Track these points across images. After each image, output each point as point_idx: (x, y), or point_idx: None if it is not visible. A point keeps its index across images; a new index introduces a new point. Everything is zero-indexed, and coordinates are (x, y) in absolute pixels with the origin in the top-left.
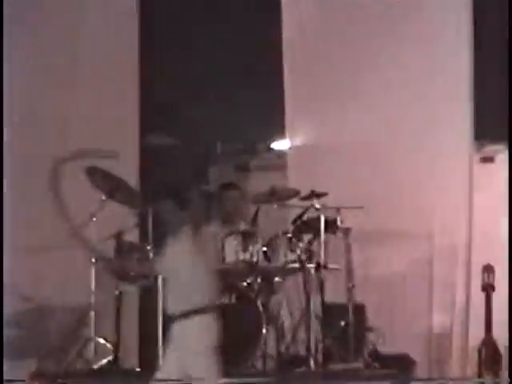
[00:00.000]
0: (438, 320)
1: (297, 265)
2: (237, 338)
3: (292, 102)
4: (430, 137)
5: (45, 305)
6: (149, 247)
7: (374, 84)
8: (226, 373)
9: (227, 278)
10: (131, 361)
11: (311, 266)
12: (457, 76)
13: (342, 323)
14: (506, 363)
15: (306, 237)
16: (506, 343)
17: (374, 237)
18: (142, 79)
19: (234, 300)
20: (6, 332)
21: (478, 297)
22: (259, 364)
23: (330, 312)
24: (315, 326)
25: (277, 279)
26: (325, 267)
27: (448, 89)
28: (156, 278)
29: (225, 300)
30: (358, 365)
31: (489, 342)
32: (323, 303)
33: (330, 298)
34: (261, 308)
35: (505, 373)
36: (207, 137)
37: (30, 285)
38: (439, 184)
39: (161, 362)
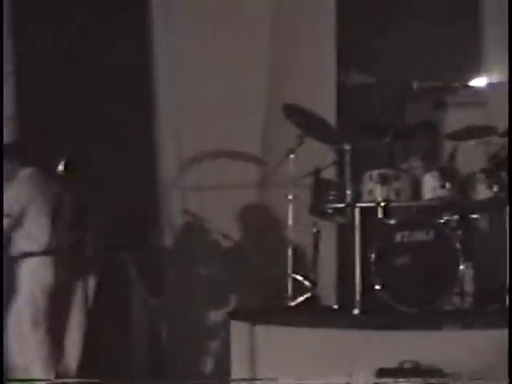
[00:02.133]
0: None
1: (494, 202)
2: (433, 275)
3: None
4: None
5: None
6: (346, 184)
7: None
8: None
9: (424, 214)
10: (329, 298)
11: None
12: None
13: None
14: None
15: (504, 174)
16: None
17: None
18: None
19: (431, 236)
20: None
21: None
22: (456, 301)
23: None
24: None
25: (474, 216)
26: None
27: None
28: (352, 214)
29: (422, 236)
30: None
31: None
32: None
33: None
34: (458, 245)
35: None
36: (404, 74)
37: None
38: None
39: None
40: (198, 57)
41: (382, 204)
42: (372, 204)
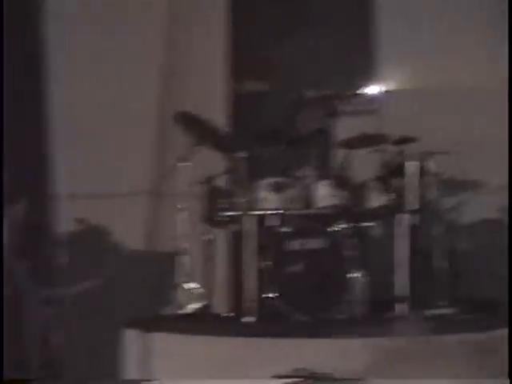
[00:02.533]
0: None
1: (387, 209)
2: (327, 283)
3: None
4: None
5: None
6: (239, 192)
7: None
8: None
9: (318, 222)
10: (223, 306)
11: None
12: None
13: (433, 268)
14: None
15: (397, 182)
16: None
17: (462, 183)
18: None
19: (325, 244)
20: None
21: None
22: (347, 309)
23: (421, 257)
24: (405, 270)
25: (367, 224)
26: (415, 212)
27: None
28: (246, 223)
29: (316, 245)
30: (451, 311)
31: None
32: (414, 248)
33: (421, 242)
34: (351, 253)
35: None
36: (298, 82)
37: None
38: None
39: (252, 306)
40: (87, 62)
41: (276, 212)
42: (266, 212)
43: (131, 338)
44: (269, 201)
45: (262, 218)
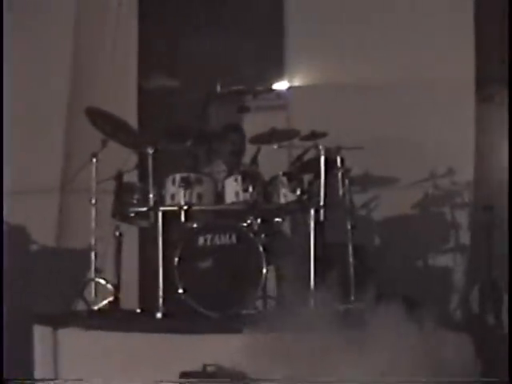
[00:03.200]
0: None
1: (297, 205)
2: (237, 278)
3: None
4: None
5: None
6: (148, 188)
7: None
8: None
9: (227, 218)
10: (132, 302)
11: (311, 206)
12: None
13: (343, 263)
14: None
15: (307, 177)
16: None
17: (375, 179)
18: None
19: (234, 240)
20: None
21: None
22: (259, 304)
23: (331, 252)
24: (315, 265)
25: (277, 219)
26: (325, 207)
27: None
28: (155, 218)
29: (225, 240)
30: (360, 305)
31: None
32: (323, 243)
33: (330, 238)
34: (261, 248)
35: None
36: (208, 78)
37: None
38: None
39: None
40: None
41: (185, 208)
42: (174, 208)
43: (41, 335)
44: (177, 196)
45: (170, 213)
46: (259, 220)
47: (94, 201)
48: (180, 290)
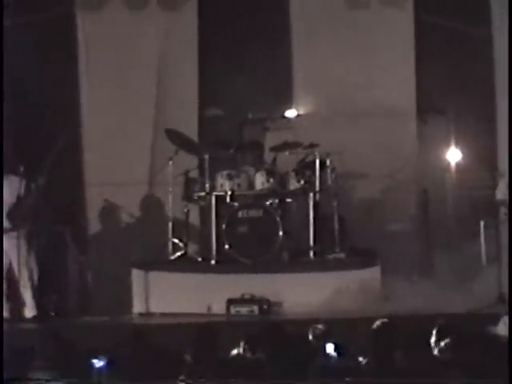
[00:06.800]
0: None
1: (301, 191)
2: (263, 238)
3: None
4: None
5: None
6: (205, 180)
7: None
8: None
9: (256, 199)
10: (196, 254)
11: (310, 191)
12: None
13: (331, 228)
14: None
15: (307, 173)
16: None
17: (352, 173)
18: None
19: (260, 214)
20: None
21: None
22: (277, 254)
23: (323, 221)
24: (313, 229)
25: (288, 200)
26: (319, 192)
27: None
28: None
29: (256, 214)
30: (342, 255)
31: None
32: (317, 215)
33: (322, 212)
34: (278, 219)
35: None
36: (242, 108)
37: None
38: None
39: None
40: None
41: (229, 193)
42: (222, 193)
43: (137, 276)
44: (224, 185)
45: (220, 196)
46: (277, 200)
47: (170, 189)
48: (226, 246)
